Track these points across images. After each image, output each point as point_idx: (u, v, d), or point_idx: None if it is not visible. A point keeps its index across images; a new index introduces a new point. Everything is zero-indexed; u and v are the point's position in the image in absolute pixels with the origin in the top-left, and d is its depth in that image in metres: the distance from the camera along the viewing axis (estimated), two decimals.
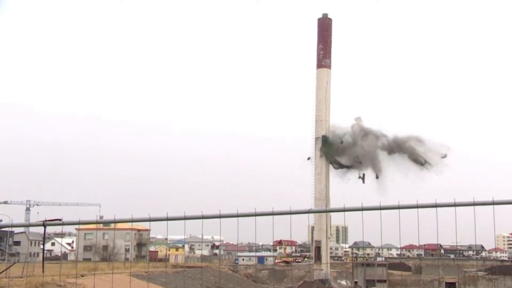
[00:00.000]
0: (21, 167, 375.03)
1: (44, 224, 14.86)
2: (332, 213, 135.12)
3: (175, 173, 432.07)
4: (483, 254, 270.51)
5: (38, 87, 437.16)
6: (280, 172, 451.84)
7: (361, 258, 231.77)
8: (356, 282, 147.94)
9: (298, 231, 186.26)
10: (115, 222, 15.91)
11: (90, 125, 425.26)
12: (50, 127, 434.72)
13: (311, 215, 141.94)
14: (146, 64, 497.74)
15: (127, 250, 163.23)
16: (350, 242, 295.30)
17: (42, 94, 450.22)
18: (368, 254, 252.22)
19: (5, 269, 32.37)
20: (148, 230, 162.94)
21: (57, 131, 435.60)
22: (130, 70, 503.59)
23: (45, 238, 17.70)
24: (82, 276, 58.22)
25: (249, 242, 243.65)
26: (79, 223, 15.79)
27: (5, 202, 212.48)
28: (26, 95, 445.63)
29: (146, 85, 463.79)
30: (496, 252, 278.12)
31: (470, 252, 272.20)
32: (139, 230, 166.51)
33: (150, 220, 14.61)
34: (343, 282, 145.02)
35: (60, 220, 15.21)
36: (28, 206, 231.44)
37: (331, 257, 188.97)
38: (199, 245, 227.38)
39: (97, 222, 15.78)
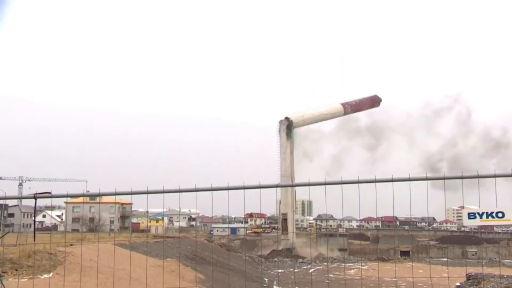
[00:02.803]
0: (14, 147, 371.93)
1: (35, 196, 14.79)
2: (297, 188, 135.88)
3: (156, 153, 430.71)
4: (435, 225, 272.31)
5: (28, 79, 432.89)
6: (250, 151, 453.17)
7: (324, 229, 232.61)
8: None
9: (267, 204, 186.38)
10: (100, 195, 15.85)
11: (77, 114, 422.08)
12: (41, 115, 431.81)
13: (279, 190, 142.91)
14: (129, 55, 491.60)
15: (111, 222, 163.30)
16: (314, 214, 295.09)
17: (31, 84, 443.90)
18: (331, 226, 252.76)
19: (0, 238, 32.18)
20: (130, 204, 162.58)
21: (47, 119, 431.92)
22: (113, 60, 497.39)
23: (36, 209, 17.58)
24: (71, 245, 57.81)
25: (222, 215, 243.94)
26: (67, 196, 15.68)
27: (0, 178, 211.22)
28: (18, 86, 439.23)
29: (128, 75, 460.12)
30: (446, 223, 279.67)
31: (423, 224, 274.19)
32: (122, 203, 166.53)
33: (132, 193, 14.53)
34: (308, 251, 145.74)
35: (49, 193, 15.12)
36: (20, 181, 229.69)
37: (296, 228, 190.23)
38: (177, 217, 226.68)
39: (83, 195, 15.72)
